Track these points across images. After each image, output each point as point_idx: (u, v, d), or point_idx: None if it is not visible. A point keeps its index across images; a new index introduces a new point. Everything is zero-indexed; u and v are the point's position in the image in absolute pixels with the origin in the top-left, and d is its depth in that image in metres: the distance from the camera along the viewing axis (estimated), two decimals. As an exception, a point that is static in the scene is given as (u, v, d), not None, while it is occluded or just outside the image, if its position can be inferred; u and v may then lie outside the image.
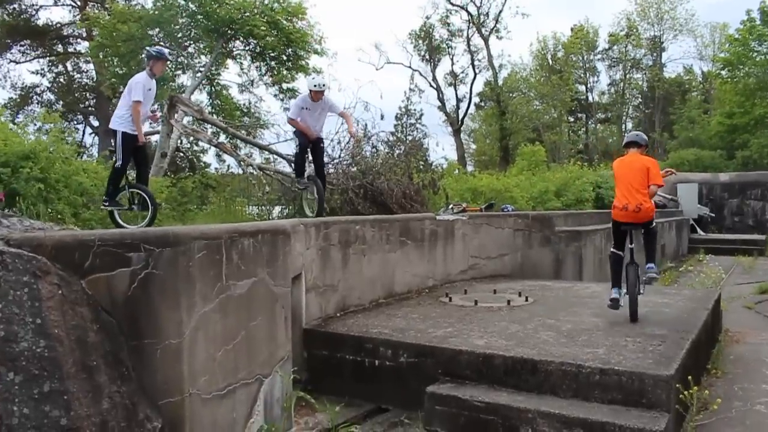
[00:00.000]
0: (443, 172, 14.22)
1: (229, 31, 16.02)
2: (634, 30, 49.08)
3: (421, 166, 13.71)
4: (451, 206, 12.09)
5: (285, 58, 16.50)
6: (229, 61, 18.49)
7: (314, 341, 6.90)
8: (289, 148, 12.97)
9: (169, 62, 8.28)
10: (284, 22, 16.00)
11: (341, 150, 11.35)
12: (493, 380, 5.71)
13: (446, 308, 7.96)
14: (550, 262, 11.37)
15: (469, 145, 50.59)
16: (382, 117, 11.98)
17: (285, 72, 16.74)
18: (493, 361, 5.73)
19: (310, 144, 9.20)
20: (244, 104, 18.30)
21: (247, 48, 17.35)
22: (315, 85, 9.03)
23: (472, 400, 5.43)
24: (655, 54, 50.55)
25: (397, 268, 8.79)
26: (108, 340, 4.16)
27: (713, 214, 28.96)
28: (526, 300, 8.41)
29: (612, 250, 7.60)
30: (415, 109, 36.29)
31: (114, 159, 7.66)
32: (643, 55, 50.29)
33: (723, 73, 38.21)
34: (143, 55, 7.77)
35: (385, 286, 8.59)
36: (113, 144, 7.94)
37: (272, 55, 16.63)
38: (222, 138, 14.42)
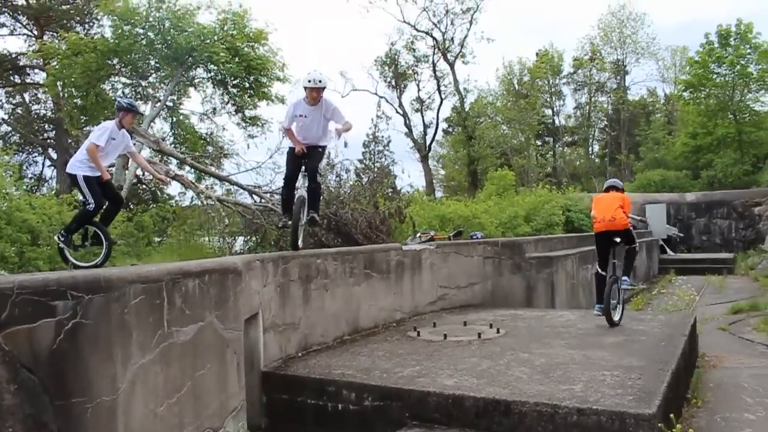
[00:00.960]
0: (409, 199, 13.90)
1: (189, 59, 15.61)
2: (598, 54, 49.79)
3: (389, 194, 13.40)
4: (418, 235, 11.73)
5: (247, 85, 16.08)
6: (192, 90, 18.13)
7: (274, 385, 6.45)
8: (250, 178, 12.59)
9: (139, 115, 7.75)
10: (245, 48, 15.65)
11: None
12: (465, 423, 5.32)
13: (414, 344, 7.56)
14: (522, 289, 11.05)
15: (437, 170, 50.56)
16: (345, 145, 11.65)
17: (247, 99, 16.28)
18: (464, 402, 5.34)
19: (301, 164, 7.68)
20: (206, 133, 17.85)
21: (208, 76, 16.94)
22: (310, 80, 7.48)
23: (443, 447, 5.03)
24: (618, 77, 51.34)
25: (362, 302, 8.39)
26: (28, 402, 3.70)
27: (682, 234, 29.10)
28: (498, 332, 8.04)
29: (596, 269, 9.13)
30: (382, 136, 36.07)
31: (85, 203, 7.16)
32: (607, 78, 51.05)
33: (685, 94, 38.80)
34: (116, 104, 7.39)
35: (350, 322, 8.18)
36: (76, 189, 7.51)
37: (234, 82, 16.23)
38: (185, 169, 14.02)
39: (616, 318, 8.66)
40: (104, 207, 7.15)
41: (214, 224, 11.12)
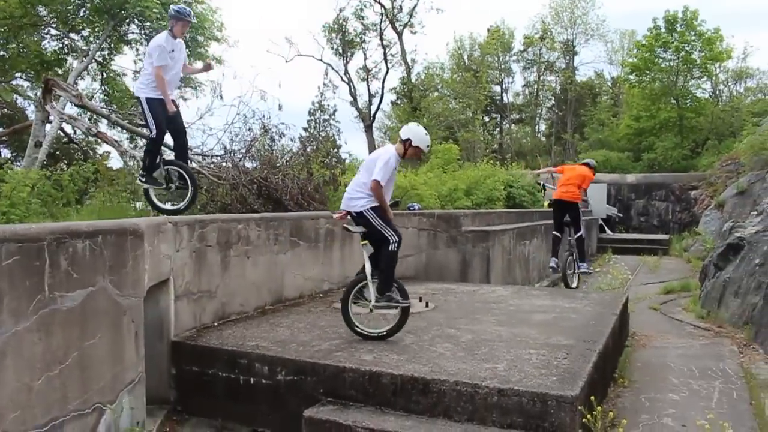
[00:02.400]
0: (345, 167, 13.47)
1: (121, 13, 14.78)
2: (549, 33, 49.94)
3: (333, 162, 12.95)
4: (354, 204, 11.35)
5: (182, 43, 15.34)
6: (126, 48, 17.23)
7: (184, 356, 6.03)
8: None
9: (190, 23, 7.32)
10: (182, 4, 14.89)
11: (233, 141, 10.43)
12: (381, 402, 5.02)
13: (338, 316, 7.16)
14: (457, 263, 10.82)
15: (385, 142, 50.17)
16: (280, 107, 11.14)
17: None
18: (381, 379, 5.03)
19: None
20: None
21: (142, 32, 16.12)
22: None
23: (355, 426, 4.72)
24: (567, 57, 51.65)
25: (287, 271, 8.00)
26: None
27: (621, 214, 29.53)
28: (427, 306, 7.78)
29: (553, 232, 11.22)
30: (328, 105, 35.38)
31: (148, 130, 7.21)
32: (556, 58, 51.29)
33: (631, 77, 39.32)
34: (168, 13, 7.18)
35: (272, 291, 7.78)
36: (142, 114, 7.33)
37: (169, 40, 15.44)
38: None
39: (573, 284, 10.78)
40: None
41: (137, 186, 10.49)
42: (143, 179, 7.19)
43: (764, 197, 17.62)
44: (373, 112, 37.40)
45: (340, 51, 34.19)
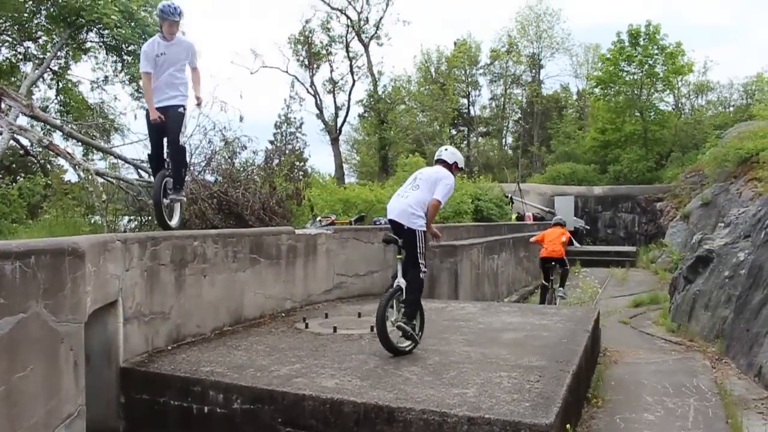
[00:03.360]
0: (309, 181, 13.12)
1: (78, 20, 14.27)
2: (515, 47, 50.32)
3: (298, 176, 12.60)
4: (318, 219, 11.02)
5: (142, 52, 14.84)
6: (85, 57, 16.68)
7: (134, 383, 5.62)
8: (136, 151, 11.50)
9: (178, 20, 6.78)
10: (141, 12, 14.45)
11: (191, 154, 10.01)
12: (344, 431, 4.68)
13: (300, 337, 6.87)
14: (424, 279, 10.49)
15: (352, 155, 49.91)
16: (241, 119, 10.76)
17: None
18: (343, 408, 4.69)
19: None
20: (97, 103, 16.44)
21: (101, 40, 15.60)
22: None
23: (315, 460, 4.38)
24: (534, 71, 52.11)
25: (246, 289, 7.61)
26: None
27: (588, 227, 29.60)
28: (392, 325, 7.45)
29: (542, 282, 12.89)
30: (294, 118, 35.00)
31: None
32: (522, 71, 51.69)
33: (596, 90, 39.75)
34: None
35: (231, 311, 7.39)
36: None
37: (128, 48, 14.96)
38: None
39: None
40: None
41: (92, 200, 10.01)
42: (155, 199, 6.89)
43: (729, 208, 17.71)
44: (339, 124, 37.09)
45: (306, 63, 33.81)
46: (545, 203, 29.88)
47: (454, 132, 50.70)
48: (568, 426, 4.45)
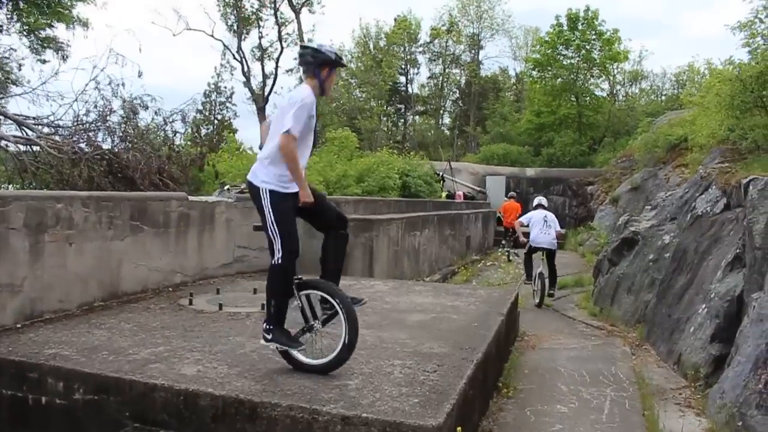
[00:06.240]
0: (223, 146, 12.18)
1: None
2: (455, 26, 49.83)
3: (204, 142, 11.64)
4: (227, 188, 10.15)
5: (40, 1, 13.47)
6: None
7: (-37, 367, 4.72)
8: (17, 106, 10.31)
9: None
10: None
11: (77, 117, 8.98)
12: (199, 429, 3.92)
13: (178, 315, 6.04)
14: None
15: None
16: (139, 74, 9.76)
17: (39, 17, 13.60)
18: (199, 401, 3.93)
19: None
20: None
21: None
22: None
23: (159, 464, 3.61)
24: (473, 51, 51.76)
25: (125, 260, 6.72)
26: None
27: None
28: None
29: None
30: (225, 87, 33.54)
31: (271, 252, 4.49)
32: (462, 51, 51.27)
33: (533, 73, 39.58)
34: None
35: (105, 285, 6.50)
36: None
37: (23, -6, 13.58)
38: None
39: None
40: None
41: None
42: (269, 336, 4.32)
43: (656, 193, 17.61)
44: (266, 93, 35.48)
45: (235, 28, 32.27)
46: (477, 183, 29.55)
47: (391, 110, 50.01)
48: (459, 429, 3.78)
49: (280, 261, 4.23)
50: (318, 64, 4.41)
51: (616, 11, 64.26)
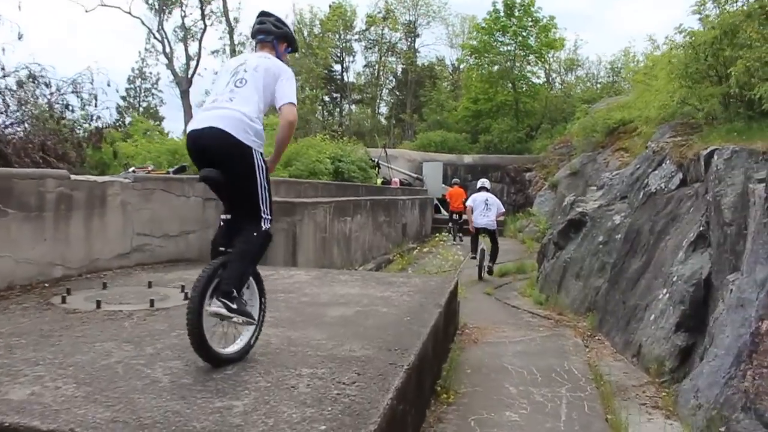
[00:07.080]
0: (124, 127, 10.89)
1: None
2: (391, 14, 49.06)
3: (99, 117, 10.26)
4: (132, 170, 8.92)
5: None
6: None
7: None
8: None
9: None
10: None
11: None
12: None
13: (41, 316, 4.85)
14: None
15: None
16: (20, 37, 8.40)
17: None
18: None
19: None
20: None
21: None
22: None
23: None
24: (409, 39, 51.07)
25: (-18, 250, 5.49)
26: None
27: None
28: (187, 298, 5.60)
29: None
30: (150, 73, 31.67)
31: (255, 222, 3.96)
32: (398, 39, 50.53)
33: (470, 60, 39.18)
34: None
35: (-47, 281, 5.27)
36: None
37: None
38: None
39: None
40: None
41: None
42: (234, 305, 3.55)
43: (596, 178, 17.17)
44: (190, 75, 33.54)
45: (156, 6, 30.33)
46: (414, 170, 28.78)
47: (327, 98, 48.84)
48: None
49: (269, 225, 3.82)
50: (279, 36, 4.08)
51: (551, 3, 64.47)
